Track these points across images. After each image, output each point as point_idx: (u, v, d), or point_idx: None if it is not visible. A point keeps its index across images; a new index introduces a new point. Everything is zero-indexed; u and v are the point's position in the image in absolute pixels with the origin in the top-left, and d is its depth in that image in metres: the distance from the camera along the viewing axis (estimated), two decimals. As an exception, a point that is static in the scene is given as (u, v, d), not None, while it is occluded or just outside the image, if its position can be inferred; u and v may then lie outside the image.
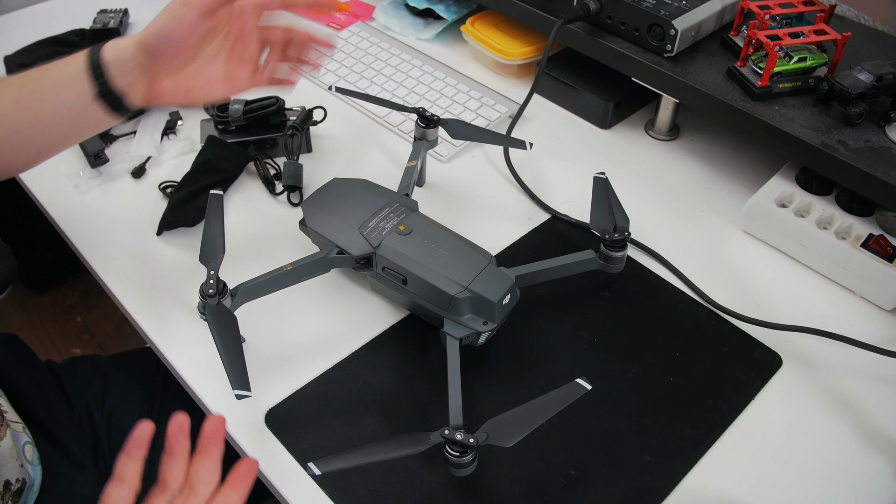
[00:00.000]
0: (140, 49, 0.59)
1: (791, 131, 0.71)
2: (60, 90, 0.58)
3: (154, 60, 0.59)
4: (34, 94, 0.58)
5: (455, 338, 0.59)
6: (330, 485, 0.55)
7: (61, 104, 0.59)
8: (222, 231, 0.60)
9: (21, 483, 0.64)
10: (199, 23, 0.60)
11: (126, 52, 0.59)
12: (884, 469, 0.58)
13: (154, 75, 0.60)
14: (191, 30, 0.60)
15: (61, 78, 0.58)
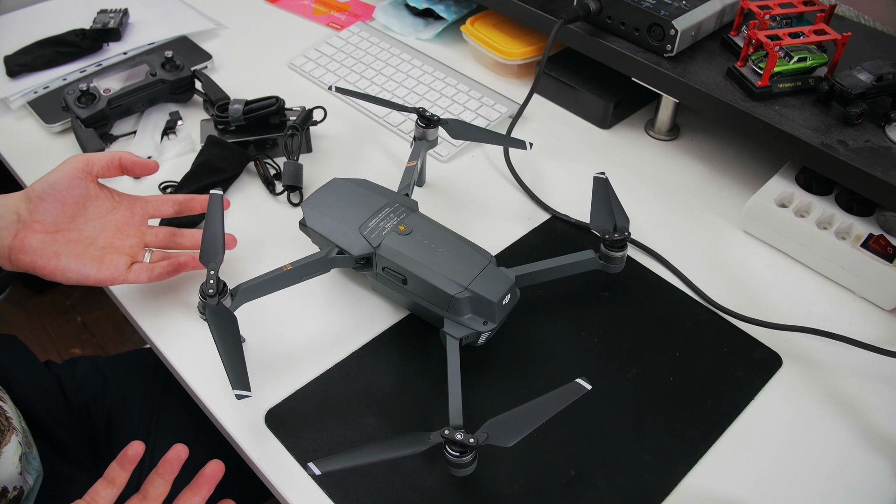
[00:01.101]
0: (24, 197, 0.61)
1: (791, 131, 0.71)
2: None
3: (33, 208, 0.60)
4: None
5: (455, 338, 0.59)
6: (330, 485, 0.55)
7: None
8: (222, 231, 0.60)
9: (18, 492, 0.64)
10: (83, 178, 0.62)
11: (9, 199, 0.60)
12: (884, 469, 0.58)
13: (27, 226, 0.60)
14: (74, 182, 0.61)
15: None
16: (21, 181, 0.82)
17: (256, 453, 0.57)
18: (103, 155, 0.64)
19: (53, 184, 0.61)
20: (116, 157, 0.65)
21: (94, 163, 0.63)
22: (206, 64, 0.96)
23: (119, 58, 0.97)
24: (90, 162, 0.63)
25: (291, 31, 1.06)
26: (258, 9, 1.11)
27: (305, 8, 1.11)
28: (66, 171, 0.62)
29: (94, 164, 0.63)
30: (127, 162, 0.66)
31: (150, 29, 1.02)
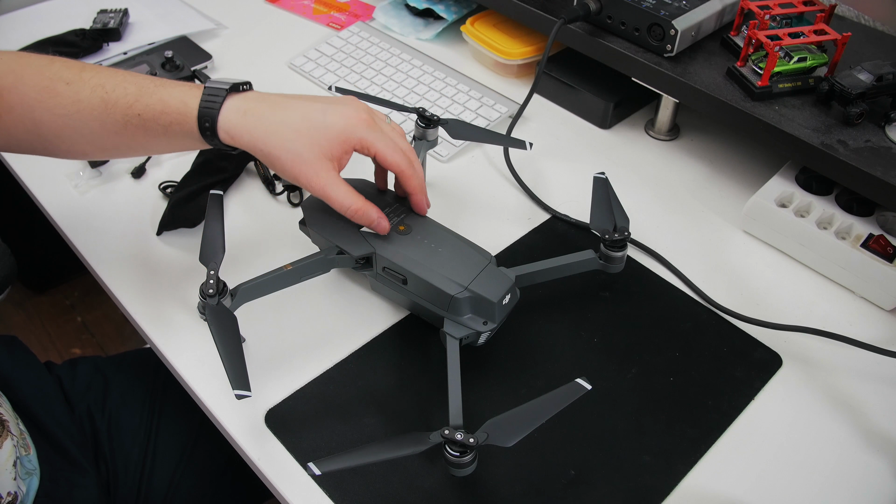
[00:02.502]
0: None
1: (791, 131, 0.71)
2: (172, 139, 0.59)
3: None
4: (143, 130, 0.58)
5: (455, 338, 0.59)
6: (330, 485, 0.55)
7: (172, 145, 0.60)
8: (222, 231, 0.60)
9: (12, 497, 0.64)
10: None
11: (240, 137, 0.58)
12: (884, 469, 0.58)
13: None
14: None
15: (173, 131, 0.58)
16: (21, 181, 0.82)
17: (256, 453, 0.57)
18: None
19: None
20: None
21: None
22: (206, 64, 0.96)
23: (119, 58, 0.97)
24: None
25: (291, 31, 1.06)
26: (258, 9, 1.11)
27: (305, 8, 1.11)
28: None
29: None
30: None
31: (150, 29, 1.02)
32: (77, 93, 0.57)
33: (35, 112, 0.57)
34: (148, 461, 0.78)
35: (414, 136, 0.76)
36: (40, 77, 0.58)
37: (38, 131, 0.59)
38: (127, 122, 0.57)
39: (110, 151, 0.62)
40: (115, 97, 0.57)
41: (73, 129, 0.58)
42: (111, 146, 0.60)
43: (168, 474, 0.77)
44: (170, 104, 0.57)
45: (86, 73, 0.58)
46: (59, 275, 1.66)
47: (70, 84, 0.57)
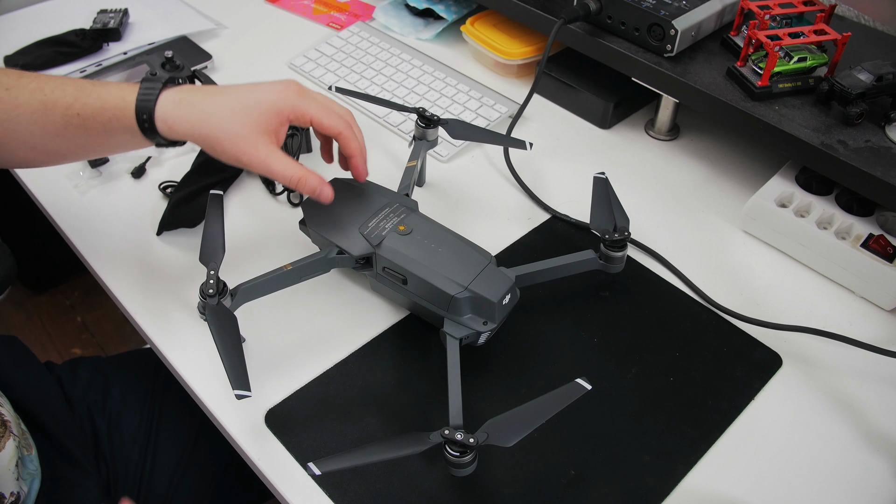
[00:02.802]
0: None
1: (791, 131, 0.71)
2: (112, 136, 0.59)
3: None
4: (83, 129, 0.58)
5: (455, 338, 0.59)
6: (330, 485, 0.55)
7: (113, 144, 0.60)
8: (222, 231, 0.60)
9: (15, 497, 0.64)
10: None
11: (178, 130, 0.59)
12: (884, 469, 0.58)
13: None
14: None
15: (112, 127, 0.58)
16: (21, 181, 0.82)
17: (256, 453, 0.57)
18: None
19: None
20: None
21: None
22: (206, 64, 0.96)
23: (119, 58, 0.97)
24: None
25: (291, 31, 1.06)
26: (258, 9, 1.11)
27: (305, 8, 1.11)
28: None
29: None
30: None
31: (150, 29, 1.02)
32: (16, 97, 0.57)
33: None
34: (148, 461, 0.78)
35: (414, 136, 0.76)
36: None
37: None
38: (67, 122, 0.58)
39: (53, 156, 0.62)
40: (53, 98, 0.57)
41: (14, 133, 0.58)
42: (53, 149, 0.60)
43: (168, 474, 0.78)
44: (108, 101, 0.57)
45: (24, 79, 0.59)
46: (59, 275, 1.66)
47: (9, 90, 0.58)
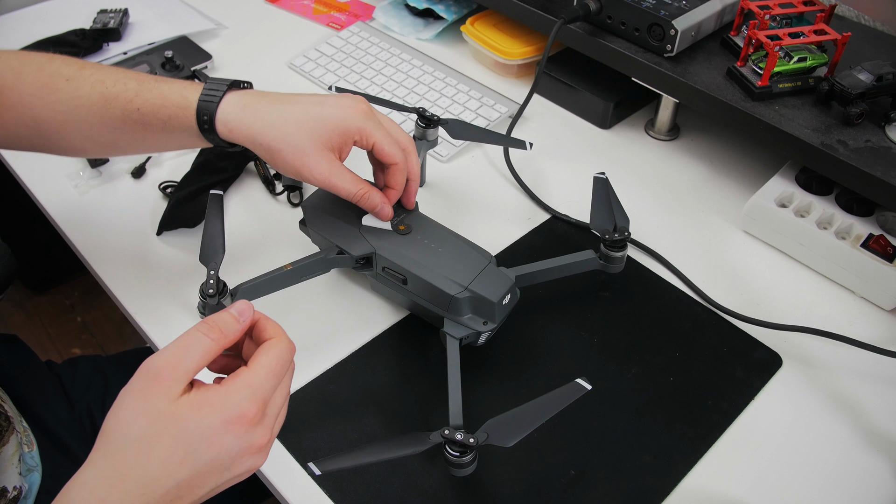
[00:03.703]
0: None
1: (791, 131, 0.71)
2: (171, 134, 0.58)
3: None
4: (142, 125, 0.58)
5: (455, 338, 0.59)
6: (330, 485, 0.55)
7: (171, 141, 0.60)
8: (222, 231, 0.60)
9: (18, 491, 0.64)
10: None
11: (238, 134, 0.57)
12: (884, 469, 0.58)
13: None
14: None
15: (171, 125, 0.57)
16: (21, 181, 0.82)
17: (256, 453, 0.57)
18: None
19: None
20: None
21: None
22: (206, 64, 0.96)
23: (119, 58, 0.97)
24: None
25: (291, 31, 1.06)
26: (258, 9, 1.11)
27: (305, 8, 1.11)
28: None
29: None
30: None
31: (150, 29, 1.02)
32: (77, 89, 0.57)
33: (35, 109, 0.57)
34: None
35: (414, 136, 0.76)
36: (40, 74, 0.57)
37: (37, 128, 0.58)
38: (126, 117, 0.57)
39: (109, 148, 0.62)
40: (115, 92, 0.57)
41: (73, 125, 0.58)
42: (110, 142, 0.60)
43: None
44: (170, 98, 0.57)
45: (86, 69, 0.58)
46: (59, 275, 1.66)
47: (70, 80, 0.57)
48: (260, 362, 0.42)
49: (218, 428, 0.39)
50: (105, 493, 0.38)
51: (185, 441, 0.38)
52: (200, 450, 0.39)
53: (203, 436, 0.39)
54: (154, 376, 0.39)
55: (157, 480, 0.38)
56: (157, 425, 0.38)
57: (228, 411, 0.39)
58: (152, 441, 0.38)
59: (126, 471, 0.38)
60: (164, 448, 0.38)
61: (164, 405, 0.39)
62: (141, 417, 0.39)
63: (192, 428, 0.39)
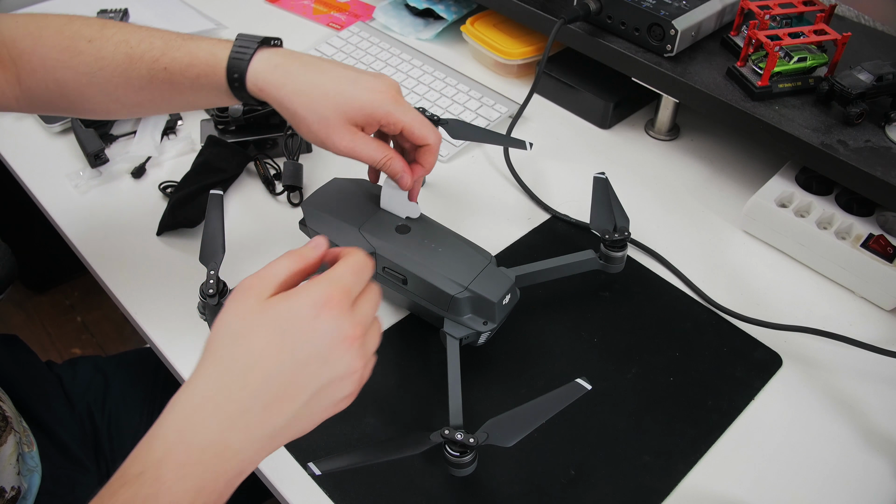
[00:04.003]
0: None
1: (791, 131, 0.71)
2: (199, 92, 0.57)
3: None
4: (169, 84, 0.56)
5: (455, 338, 0.59)
6: (330, 485, 0.55)
7: (198, 99, 0.59)
8: (222, 231, 0.60)
9: (16, 492, 0.64)
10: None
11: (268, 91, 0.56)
12: (884, 469, 0.58)
13: None
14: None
15: (200, 83, 0.56)
16: (21, 181, 0.82)
17: (256, 453, 0.57)
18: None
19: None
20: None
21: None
22: (206, 64, 0.96)
23: (119, 58, 0.97)
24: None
25: (291, 31, 1.06)
26: (258, 9, 1.11)
27: (305, 8, 1.11)
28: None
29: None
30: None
31: (150, 29, 1.02)
32: (100, 50, 0.56)
33: (57, 72, 0.56)
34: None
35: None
36: (60, 37, 0.56)
37: (61, 91, 0.58)
38: (153, 76, 0.56)
39: (135, 108, 0.61)
40: (139, 52, 0.56)
41: (97, 86, 0.57)
42: (135, 103, 0.59)
43: (168, 474, 0.78)
44: (198, 56, 0.56)
45: (107, 29, 0.57)
46: (59, 275, 1.66)
47: (92, 41, 0.56)
48: (339, 264, 0.44)
49: (307, 312, 0.41)
50: (211, 390, 0.39)
51: (279, 328, 0.40)
52: (294, 335, 0.40)
53: (294, 321, 0.40)
54: (245, 287, 0.42)
55: (258, 368, 0.40)
56: (252, 319, 0.41)
57: (315, 296, 0.41)
58: (248, 333, 0.40)
59: (228, 364, 0.40)
60: (260, 337, 0.40)
61: (256, 303, 0.41)
62: (237, 318, 0.41)
63: (284, 315, 0.41)
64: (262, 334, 0.40)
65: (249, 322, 0.41)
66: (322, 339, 0.41)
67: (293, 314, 0.41)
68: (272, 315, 0.41)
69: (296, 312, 0.41)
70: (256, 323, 0.40)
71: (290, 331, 0.40)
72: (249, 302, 0.41)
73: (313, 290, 0.41)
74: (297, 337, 0.40)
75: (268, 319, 0.40)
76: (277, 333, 0.40)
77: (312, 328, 0.40)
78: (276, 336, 0.40)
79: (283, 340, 0.40)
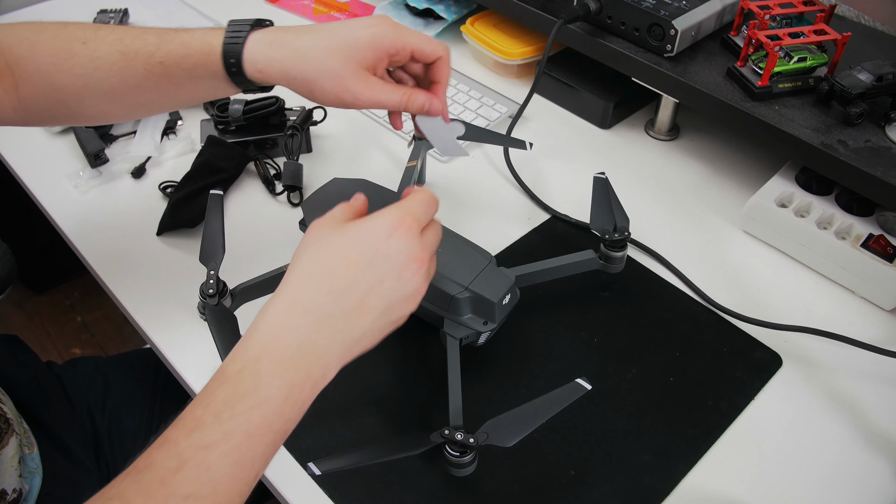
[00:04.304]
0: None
1: (791, 131, 0.71)
2: (197, 83, 0.56)
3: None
4: (166, 78, 0.56)
5: (455, 338, 0.59)
6: (330, 485, 0.55)
7: (198, 91, 0.58)
8: (222, 231, 0.60)
9: (17, 494, 0.64)
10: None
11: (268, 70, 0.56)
12: (884, 469, 0.58)
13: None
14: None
15: (198, 74, 0.55)
16: (21, 181, 0.82)
17: (256, 453, 0.57)
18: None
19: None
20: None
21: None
22: (206, 64, 0.96)
23: (119, 58, 0.97)
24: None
25: (291, 31, 1.06)
26: (258, 9, 1.11)
27: (305, 8, 1.11)
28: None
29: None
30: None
31: (150, 29, 1.02)
32: (94, 50, 0.55)
33: (53, 77, 0.56)
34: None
35: (414, 136, 0.76)
36: (55, 40, 0.56)
37: (58, 97, 0.57)
38: (149, 72, 0.55)
39: (134, 109, 0.60)
40: (134, 48, 0.55)
41: (94, 88, 0.56)
42: (134, 103, 0.58)
43: (168, 474, 0.78)
44: (192, 46, 0.55)
45: (101, 31, 0.57)
46: (59, 275, 1.66)
47: (87, 43, 0.56)
48: (409, 197, 0.49)
49: (383, 232, 0.45)
50: (299, 296, 0.44)
51: (357, 246, 0.45)
52: (372, 252, 0.45)
53: (371, 240, 0.45)
54: (319, 221, 0.47)
55: (339, 278, 0.44)
56: (332, 237, 0.46)
57: (389, 219, 0.46)
58: (329, 247, 0.45)
59: (311, 274, 0.45)
60: (340, 250, 0.45)
61: (334, 224, 0.47)
62: (317, 238, 0.46)
63: (361, 234, 0.45)
64: (341, 248, 0.45)
65: (330, 240, 0.45)
66: (396, 257, 0.45)
67: (369, 233, 0.45)
68: (350, 234, 0.45)
69: (371, 232, 0.45)
70: (336, 240, 0.45)
71: (367, 248, 0.45)
72: (325, 229, 0.46)
73: (387, 215, 0.46)
74: (374, 253, 0.45)
75: (347, 238, 0.45)
76: (356, 250, 0.45)
77: (388, 245, 0.45)
78: (354, 252, 0.45)
79: (360, 256, 0.45)
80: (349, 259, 0.44)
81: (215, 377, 0.43)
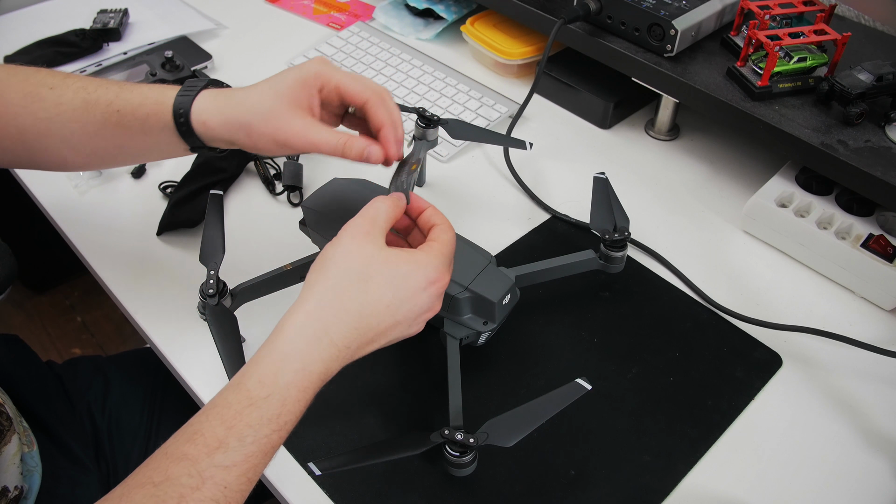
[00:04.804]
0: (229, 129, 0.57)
1: (791, 131, 0.71)
2: (149, 135, 0.57)
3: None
4: (121, 127, 0.57)
5: (455, 338, 0.59)
6: (330, 485, 0.55)
7: (149, 143, 0.58)
8: (222, 231, 0.60)
9: (19, 491, 0.64)
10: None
11: (216, 130, 0.56)
12: (884, 469, 0.58)
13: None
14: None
15: (150, 124, 0.56)
16: (21, 181, 0.82)
17: (256, 453, 0.57)
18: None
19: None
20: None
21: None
22: (206, 64, 0.96)
23: (119, 58, 0.97)
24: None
25: (291, 31, 1.06)
26: (258, 9, 1.11)
27: (305, 8, 1.11)
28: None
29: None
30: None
31: (150, 29, 1.02)
32: (60, 96, 0.57)
33: (19, 118, 0.57)
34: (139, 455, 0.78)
35: (414, 136, 0.76)
36: (26, 84, 0.58)
37: (21, 138, 0.58)
38: (106, 119, 0.57)
39: (89, 158, 0.61)
40: (96, 97, 0.57)
41: (55, 132, 0.58)
42: (91, 151, 0.59)
43: (168, 474, 0.78)
44: (149, 97, 0.56)
45: (70, 79, 0.58)
46: (59, 275, 1.66)
47: (53, 88, 0.57)
48: (444, 239, 0.52)
49: (422, 284, 0.49)
50: (330, 323, 0.47)
51: (394, 286, 0.48)
52: (405, 299, 0.48)
53: (409, 286, 0.48)
54: (358, 229, 0.49)
55: (371, 315, 0.47)
56: (373, 266, 0.48)
57: (433, 272, 0.49)
58: (369, 278, 0.47)
59: (348, 299, 0.47)
60: (378, 287, 0.47)
61: (375, 250, 0.48)
62: (358, 257, 0.48)
63: (403, 276, 0.48)
64: (379, 284, 0.47)
65: (375, 270, 0.48)
66: (421, 307, 0.49)
67: (410, 280, 0.48)
68: (392, 271, 0.48)
69: (412, 279, 0.48)
70: (377, 272, 0.48)
71: (402, 295, 0.48)
72: (368, 246, 0.48)
73: (430, 268, 0.49)
74: (406, 301, 0.48)
75: (387, 273, 0.48)
76: (391, 291, 0.48)
77: (420, 297, 0.49)
78: (390, 292, 0.48)
79: (393, 299, 0.48)
80: (383, 300, 0.47)
81: (239, 394, 0.44)
